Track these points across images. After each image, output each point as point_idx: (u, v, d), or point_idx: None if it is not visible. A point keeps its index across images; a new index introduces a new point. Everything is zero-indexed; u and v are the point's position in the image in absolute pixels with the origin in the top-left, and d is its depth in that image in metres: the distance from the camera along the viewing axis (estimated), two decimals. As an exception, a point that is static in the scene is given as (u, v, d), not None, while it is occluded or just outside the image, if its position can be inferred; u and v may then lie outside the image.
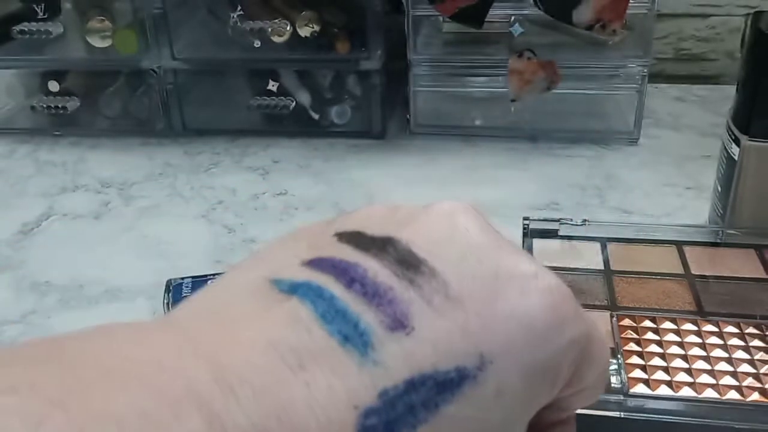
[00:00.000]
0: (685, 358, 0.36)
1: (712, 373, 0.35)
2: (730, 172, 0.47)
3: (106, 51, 0.70)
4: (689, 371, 0.35)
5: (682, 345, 0.37)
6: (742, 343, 0.37)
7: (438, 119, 0.72)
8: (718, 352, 0.36)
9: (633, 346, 0.37)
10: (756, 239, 0.46)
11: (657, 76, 0.72)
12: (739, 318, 0.39)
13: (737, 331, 0.38)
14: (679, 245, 0.46)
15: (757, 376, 0.35)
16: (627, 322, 0.38)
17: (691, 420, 0.33)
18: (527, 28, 0.68)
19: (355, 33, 0.67)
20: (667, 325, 0.38)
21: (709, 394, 0.34)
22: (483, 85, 0.72)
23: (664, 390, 0.34)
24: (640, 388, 0.34)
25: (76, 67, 0.74)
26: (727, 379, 0.35)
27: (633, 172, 0.63)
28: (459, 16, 0.66)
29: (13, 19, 0.71)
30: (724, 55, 0.81)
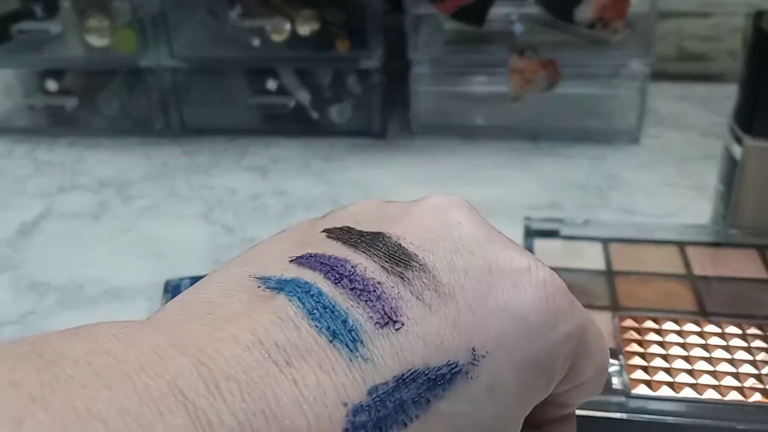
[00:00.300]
0: (686, 359, 0.36)
1: (713, 374, 0.35)
2: (732, 172, 0.47)
3: (105, 50, 0.69)
4: (691, 372, 0.35)
5: (684, 346, 0.36)
6: (744, 343, 0.37)
7: (438, 118, 0.72)
8: (719, 353, 0.36)
9: (635, 346, 0.36)
10: (758, 239, 0.46)
11: (659, 76, 0.71)
12: (741, 318, 0.39)
13: (739, 331, 0.37)
14: (681, 245, 0.46)
15: (758, 377, 0.35)
16: (629, 322, 0.38)
17: (692, 421, 0.33)
18: (528, 26, 0.68)
19: (355, 32, 0.67)
20: (669, 325, 0.38)
21: (710, 395, 0.34)
22: (484, 85, 0.72)
23: (665, 391, 0.34)
24: (642, 389, 0.34)
25: (75, 66, 0.73)
26: (729, 380, 0.34)
27: (634, 171, 0.63)
28: (459, 14, 0.66)
29: (12, 18, 0.71)
30: (725, 54, 0.80)
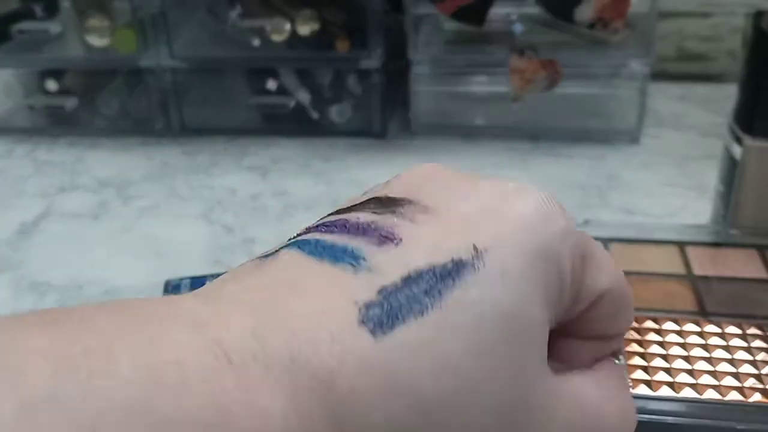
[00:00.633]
0: (686, 359, 0.36)
1: (713, 374, 0.35)
2: (732, 172, 0.47)
3: (105, 50, 0.69)
4: (691, 372, 0.35)
5: (684, 346, 0.36)
6: (744, 343, 0.37)
7: (438, 118, 0.72)
8: (719, 353, 0.36)
9: (635, 346, 0.36)
10: (758, 239, 0.46)
11: (659, 76, 0.71)
12: (741, 318, 0.39)
13: (739, 331, 0.37)
14: (681, 245, 0.46)
15: (758, 377, 0.35)
16: (628, 322, 0.38)
17: (692, 421, 0.33)
18: (528, 26, 0.68)
19: (355, 32, 0.67)
20: (668, 325, 0.38)
21: (710, 394, 0.34)
22: (484, 85, 0.72)
23: (665, 391, 0.34)
24: (642, 389, 0.34)
25: (75, 66, 0.73)
26: (729, 380, 0.34)
27: (634, 171, 0.63)
28: (459, 14, 0.66)
29: (12, 18, 0.71)
30: (725, 54, 0.80)
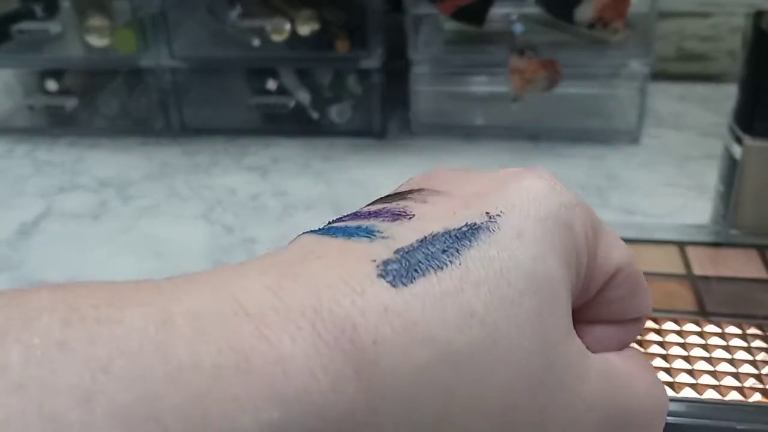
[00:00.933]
0: (686, 359, 0.36)
1: (713, 374, 0.35)
2: (732, 172, 0.47)
3: (105, 50, 0.69)
4: (691, 372, 0.35)
5: (683, 346, 0.36)
6: (744, 343, 0.36)
7: (438, 118, 0.72)
8: (719, 353, 0.36)
9: (635, 347, 0.36)
10: (758, 239, 0.46)
11: (659, 76, 0.71)
12: (741, 318, 0.39)
13: (739, 331, 0.37)
14: (681, 245, 0.46)
15: (758, 377, 0.34)
16: (628, 322, 0.38)
17: (692, 421, 0.33)
18: (528, 26, 0.68)
19: (355, 31, 0.67)
20: (668, 325, 0.38)
21: (710, 394, 0.34)
22: (484, 85, 0.72)
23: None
24: (642, 390, 0.34)
25: (75, 66, 0.73)
26: (729, 380, 0.34)
27: (634, 171, 0.63)
28: (459, 14, 0.66)
29: (12, 18, 0.71)
30: (725, 54, 0.80)
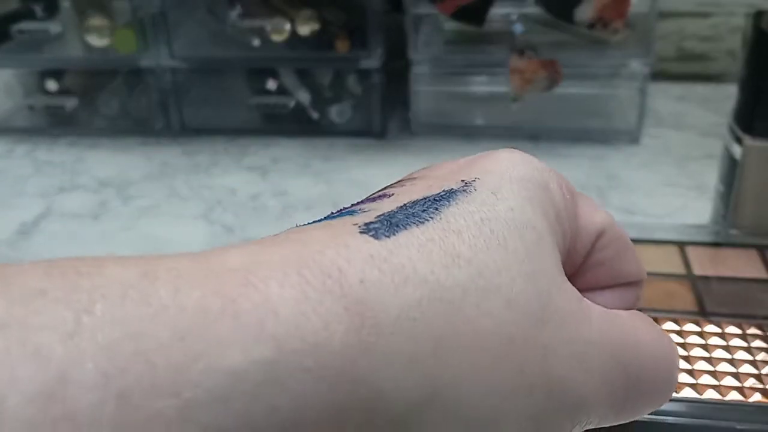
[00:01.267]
0: (686, 359, 0.36)
1: (713, 374, 0.35)
2: (732, 172, 0.47)
3: (105, 50, 0.69)
4: (691, 372, 0.35)
5: (683, 346, 0.36)
6: (744, 343, 0.36)
7: (438, 118, 0.72)
8: (719, 353, 0.36)
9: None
10: (758, 239, 0.46)
11: (659, 76, 0.71)
12: (741, 318, 0.39)
13: (739, 331, 0.37)
14: (681, 245, 0.46)
15: (758, 377, 0.34)
16: (628, 322, 0.38)
17: (692, 421, 0.33)
18: (528, 26, 0.68)
19: (355, 31, 0.67)
20: (669, 325, 0.38)
21: (710, 395, 0.34)
22: (484, 85, 0.72)
23: (665, 391, 0.34)
24: (641, 390, 0.34)
25: (75, 66, 0.73)
26: (729, 380, 0.34)
27: (634, 171, 0.63)
28: (459, 14, 0.66)
29: (12, 18, 0.71)
30: (725, 54, 0.80)
